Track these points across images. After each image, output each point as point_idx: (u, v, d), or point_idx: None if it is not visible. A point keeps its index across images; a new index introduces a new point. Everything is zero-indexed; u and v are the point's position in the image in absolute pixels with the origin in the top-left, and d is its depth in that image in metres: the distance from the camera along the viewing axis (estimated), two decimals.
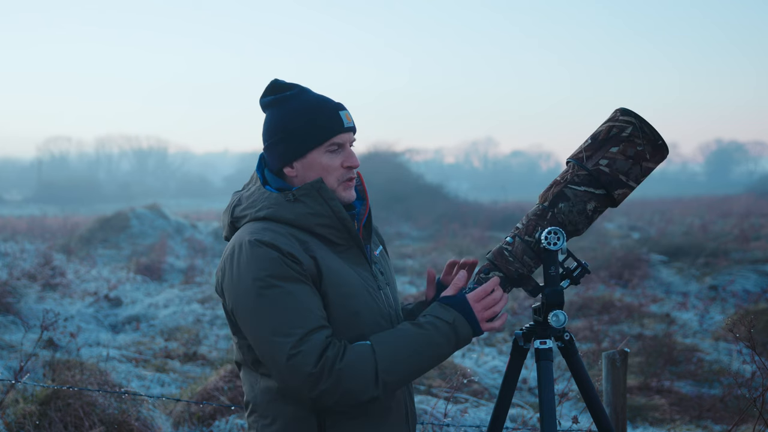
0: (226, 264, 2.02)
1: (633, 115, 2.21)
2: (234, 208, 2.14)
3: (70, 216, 28.42)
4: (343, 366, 1.89)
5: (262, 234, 1.99)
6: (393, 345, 1.96)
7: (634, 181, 2.22)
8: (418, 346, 1.98)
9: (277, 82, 2.15)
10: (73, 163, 71.58)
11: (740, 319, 4.50)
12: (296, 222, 2.04)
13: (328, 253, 2.05)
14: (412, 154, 44.09)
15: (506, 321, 2.01)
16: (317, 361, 1.88)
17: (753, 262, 13.12)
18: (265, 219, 2.05)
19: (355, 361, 1.91)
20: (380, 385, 1.93)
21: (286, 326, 1.90)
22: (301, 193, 2.06)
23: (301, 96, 2.12)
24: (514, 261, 2.23)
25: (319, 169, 2.08)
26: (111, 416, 4.59)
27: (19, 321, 8.13)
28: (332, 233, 2.07)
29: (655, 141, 2.21)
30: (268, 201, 2.07)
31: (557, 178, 2.28)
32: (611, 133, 2.22)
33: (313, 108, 2.09)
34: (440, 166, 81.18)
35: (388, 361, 1.94)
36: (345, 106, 2.15)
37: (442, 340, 2.01)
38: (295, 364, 1.88)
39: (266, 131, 2.14)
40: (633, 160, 2.20)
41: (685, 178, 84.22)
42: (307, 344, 1.89)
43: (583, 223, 2.23)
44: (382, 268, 2.22)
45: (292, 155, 2.09)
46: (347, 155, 2.11)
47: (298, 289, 1.94)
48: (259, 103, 2.17)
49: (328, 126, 2.08)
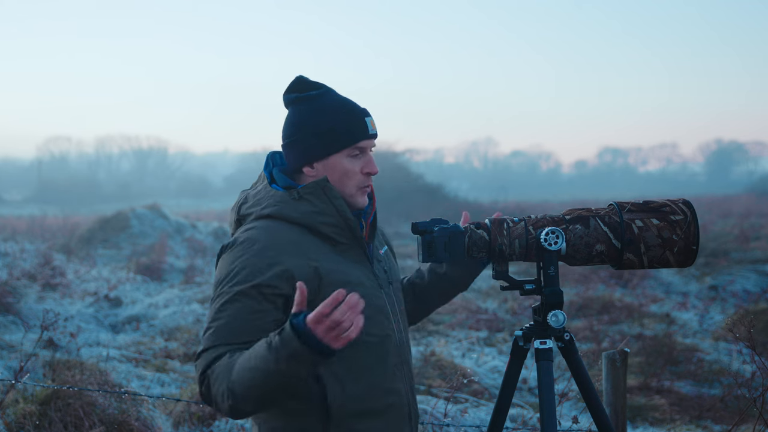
0: (222, 251, 2.08)
1: (692, 210, 2.24)
2: (240, 206, 2.15)
3: (70, 216, 28.41)
4: (215, 376, 1.92)
5: (259, 238, 2.01)
6: (242, 359, 1.87)
7: (648, 259, 2.23)
8: (254, 363, 1.85)
9: (303, 78, 2.14)
10: (73, 163, 71.50)
11: (740, 319, 4.50)
12: (300, 220, 2.05)
13: (330, 254, 2.06)
14: (412, 154, 44.21)
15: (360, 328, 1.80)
16: (205, 369, 1.94)
17: (753, 262, 13.12)
18: (270, 217, 2.06)
19: (219, 372, 1.91)
20: (227, 398, 1.88)
21: (214, 329, 1.96)
22: (306, 192, 2.06)
23: (328, 97, 2.12)
24: (506, 237, 2.24)
25: (340, 172, 2.09)
26: (111, 416, 4.59)
27: (19, 321, 8.13)
28: (335, 232, 2.07)
29: (691, 244, 2.22)
30: (273, 199, 2.08)
31: (593, 207, 2.30)
32: (663, 208, 2.25)
33: (341, 111, 2.10)
34: (440, 166, 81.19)
35: (234, 375, 1.87)
36: (370, 113, 2.15)
37: (273, 357, 1.81)
38: (196, 366, 1.98)
39: (289, 127, 2.13)
40: (662, 242, 2.22)
41: (685, 178, 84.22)
42: (210, 352, 1.95)
43: (582, 256, 2.24)
44: (385, 266, 2.22)
45: (316, 155, 2.09)
46: (368, 161, 2.12)
47: (252, 306, 1.95)
48: (283, 99, 2.16)
49: (353, 131, 2.09)
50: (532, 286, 2.31)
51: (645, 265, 2.24)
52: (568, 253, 2.23)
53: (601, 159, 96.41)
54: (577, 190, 70.25)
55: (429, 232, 2.25)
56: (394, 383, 2.10)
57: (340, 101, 2.12)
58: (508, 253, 2.25)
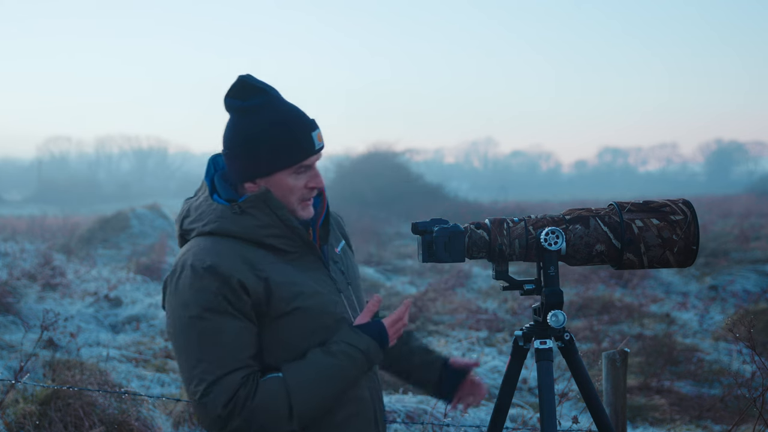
0: (168, 283, 1.97)
1: (692, 210, 2.24)
2: (183, 219, 2.06)
3: (70, 216, 28.39)
4: (255, 405, 1.87)
5: (205, 258, 1.91)
6: (305, 377, 1.92)
7: (648, 259, 2.23)
8: (331, 377, 1.94)
9: (247, 81, 2.00)
10: (73, 163, 71.51)
11: (740, 319, 4.50)
12: (244, 235, 1.96)
13: (279, 265, 1.98)
14: (412, 154, 44.19)
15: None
16: (227, 403, 1.86)
17: (753, 262, 13.12)
18: (213, 234, 1.97)
19: (267, 398, 1.88)
20: (295, 419, 1.90)
21: (207, 363, 1.87)
22: (247, 205, 1.97)
23: (273, 107, 1.99)
24: (506, 237, 2.24)
25: (284, 189, 2.00)
26: (111, 416, 4.59)
27: (19, 321, 8.12)
28: (283, 242, 2.00)
29: (691, 244, 2.22)
30: (214, 214, 1.98)
31: (593, 207, 2.31)
32: (663, 208, 2.25)
33: (287, 127, 1.98)
34: (440, 166, 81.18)
35: (302, 394, 1.90)
36: (317, 124, 2.04)
37: (356, 369, 1.98)
38: (206, 403, 1.87)
39: (231, 139, 2.01)
40: (662, 242, 2.22)
41: (685, 178, 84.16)
42: (220, 386, 1.86)
43: (582, 256, 2.24)
44: (343, 266, 2.16)
45: (258, 173, 1.99)
46: (313, 176, 2.03)
47: (228, 326, 1.89)
48: (224, 103, 2.03)
49: (299, 148, 1.99)
50: (532, 286, 2.31)
51: (645, 265, 2.24)
52: (568, 253, 2.23)
53: (601, 159, 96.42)
54: (577, 190, 70.22)
55: (429, 232, 2.25)
56: (358, 391, 2.05)
57: (286, 113, 1.99)
58: (508, 253, 2.25)
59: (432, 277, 13.12)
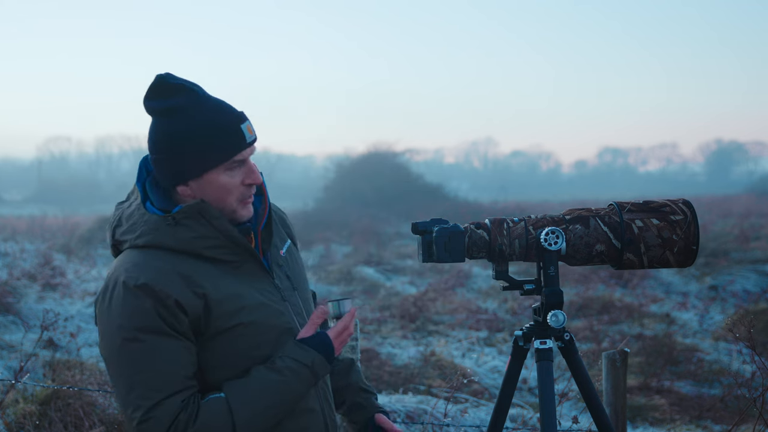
0: (100, 301, 1.85)
1: (692, 210, 2.24)
2: (115, 229, 1.93)
3: (70, 216, 28.41)
4: (197, 428, 1.78)
5: (139, 275, 1.80)
6: (249, 397, 1.83)
7: (648, 259, 2.23)
8: (276, 394, 1.86)
9: (166, 80, 1.87)
10: (73, 163, 71.63)
11: (740, 319, 4.50)
12: (180, 248, 1.85)
13: (220, 278, 1.87)
14: (412, 154, 44.23)
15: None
16: (168, 428, 1.76)
17: (753, 262, 13.12)
18: (146, 247, 1.85)
19: (210, 420, 1.79)
20: None
21: (143, 387, 1.77)
22: (182, 216, 1.85)
23: (196, 105, 1.86)
24: (506, 237, 2.24)
25: (218, 188, 1.88)
26: (111, 416, 4.59)
27: (19, 321, 8.13)
28: (222, 253, 1.88)
29: (691, 244, 2.22)
30: (147, 225, 1.86)
31: (593, 207, 2.31)
32: (663, 208, 2.25)
33: (212, 123, 1.85)
34: (440, 166, 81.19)
35: (246, 414, 1.82)
36: (246, 116, 1.92)
37: (302, 384, 1.89)
38: (146, 430, 1.77)
39: (156, 143, 1.87)
40: (662, 242, 2.22)
41: (685, 178, 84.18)
42: (160, 410, 1.77)
43: (582, 256, 2.24)
44: (288, 269, 2.06)
45: (187, 175, 1.87)
46: (248, 171, 1.91)
47: (165, 346, 1.79)
48: (144, 105, 1.90)
49: (229, 143, 1.86)
50: (532, 286, 2.31)
51: (645, 265, 2.24)
52: (568, 253, 2.23)
53: (601, 159, 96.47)
54: (577, 190, 70.22)
55: (429, 232, 2.25)
56: (308, 403, 1.97)
57: (211, 109, 1.87)
58: (508, 253, 2.25)
59: (432, 277, 13.13)
